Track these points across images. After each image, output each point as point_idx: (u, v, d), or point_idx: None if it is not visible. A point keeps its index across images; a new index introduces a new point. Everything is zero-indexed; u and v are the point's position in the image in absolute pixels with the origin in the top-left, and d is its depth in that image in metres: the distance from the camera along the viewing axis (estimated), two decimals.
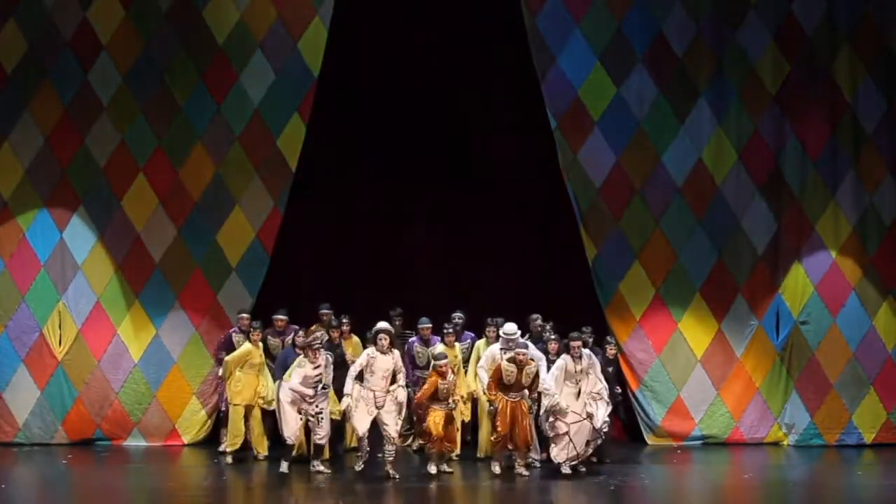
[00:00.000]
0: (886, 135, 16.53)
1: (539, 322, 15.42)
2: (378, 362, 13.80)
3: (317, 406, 13.97)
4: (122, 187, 16.54)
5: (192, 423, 16.32)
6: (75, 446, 16.07)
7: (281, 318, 15.75)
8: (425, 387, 14.09)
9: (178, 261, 16.53)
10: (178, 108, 16.58)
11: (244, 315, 15.68)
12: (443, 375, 13.90)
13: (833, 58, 16.54)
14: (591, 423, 13.92)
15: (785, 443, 16.45)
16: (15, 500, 13.04)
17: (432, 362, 14.24)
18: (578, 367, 14.04)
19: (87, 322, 16.39)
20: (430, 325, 15.47)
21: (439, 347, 15.05)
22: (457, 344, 15.17)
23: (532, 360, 14.00)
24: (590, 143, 16.50)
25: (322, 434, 14.05)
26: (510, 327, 14.30)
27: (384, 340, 13.82)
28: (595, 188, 16.49)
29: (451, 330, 15.13)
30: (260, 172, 16.53)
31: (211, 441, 16.12)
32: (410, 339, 15.63)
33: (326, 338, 14.78)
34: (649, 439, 16.42)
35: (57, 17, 16.51)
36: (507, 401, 13.90)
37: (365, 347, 14.98)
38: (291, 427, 13.98)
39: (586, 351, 14.24)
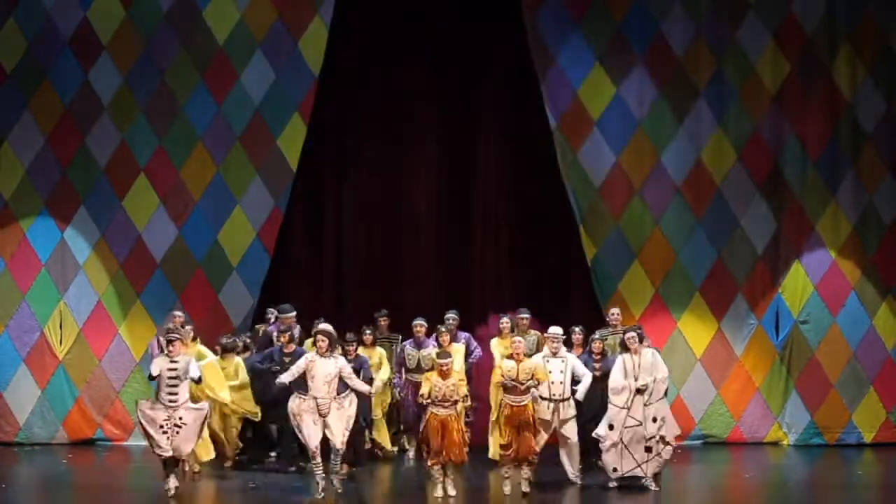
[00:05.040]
0: (886, 135, 16.50)
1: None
2: (318, 367, 12.74)
3: (176, 412, 12.76)
4: (122, 187, 16.55)
5: None
6: (76, 446, 16.09)
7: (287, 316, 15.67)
8: (423, 388, 13.25)
9: (179, 260, 16.56)
10: (179, 107, 16.58)
11: (178, 314, 15.27)
12: (444, 376, 13.00)
13: (833, 58, 16.52)
14: (655, 430, 13.09)
15: (785, 442, 16.45)
16: (15, 500, 13.05)
17: (435, 362, 13.41)
18: (638, 364, 13.24)
19: (88, 322, 16.42)
20: (425, 325, 15.28)
21: (429, 348, 14.97)
22: (454, 344, 14.84)
23: (528, 355, 13.60)
24: (589, 143, 16.50)
25: (180, 446, 12.77)
26: (556, 329, 13.71)
27: (323, 343, 12.82)
28: (595, 188, 16.49)
29: (444, 329, 14.80)
30: (260, 172, 16.54)
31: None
32: (403, 342, 15.46)
33: (191, 332, 14.35)
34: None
35: (57, 16, 16.49)
36: (508, 405, 13.13)
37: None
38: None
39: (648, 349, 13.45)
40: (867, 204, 16.50)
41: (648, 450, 13.11)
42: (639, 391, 13.11)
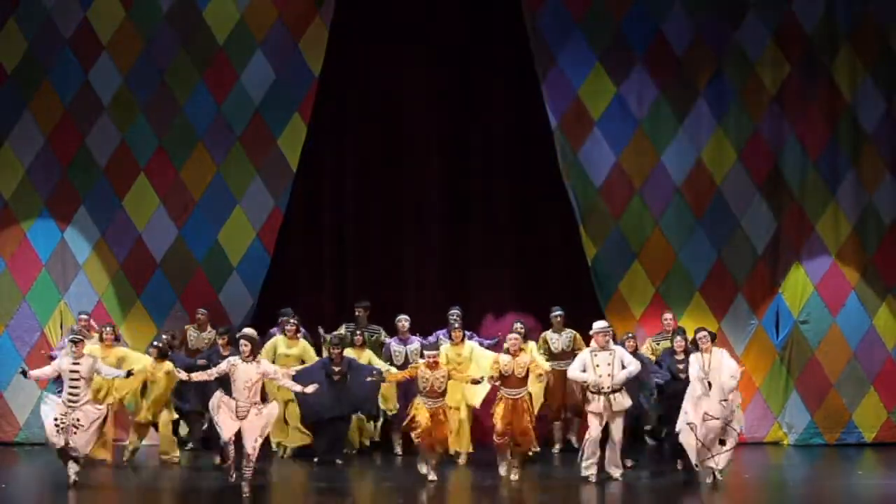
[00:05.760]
0: (886, 135, 16.50)
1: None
2: (240, 371, 12.79)
3: (74, 412, 13.10)
4: (122, 187, 16.58)
5: None
6: None
7: (292, 322, 15.54)
8: (404, 372, 13.91)
9: (179, 261, 16.58)
10: (179, 107, 16.60)
11: (83, 316, 15.48)
12: (431, 367, 13.40)
13: (833, 58, 16.52)
14: (723, 424, 13.40)
15: (785, 442, 16.45)
16: (15, 499, 13.05)
17: (425, 352, 13.89)
18: (709, 362, 13.55)
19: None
20: (409, 321, 15.46)
21: (414, 344, 15.17)
22: (466, 342, 14.94)
23: (523, 349, 13.83)
24: (589, 142, 16.50)
25: (78, 445, 13.11)
26: (602, 323, 13.93)
27: (245, 347, 12.83)
28: (595, 188, 16.49)
29: (457, 325, 15.01)
30: (260, 172, 16.55)
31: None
32: (389, 340, 15.58)
33: (112, 334, 14.67)
34: (649, 439, 16.40)
35: (57, 16, 16.53)
36: (507, 398, 13.55)
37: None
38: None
39: (717, 349, 13.74)
40: (867, 204, 16.50)
41: (722, 443, 13.46)
42: (710, 387, 13.40)
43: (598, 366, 13.56)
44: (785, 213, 16.54)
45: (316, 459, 14.85)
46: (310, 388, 13.28)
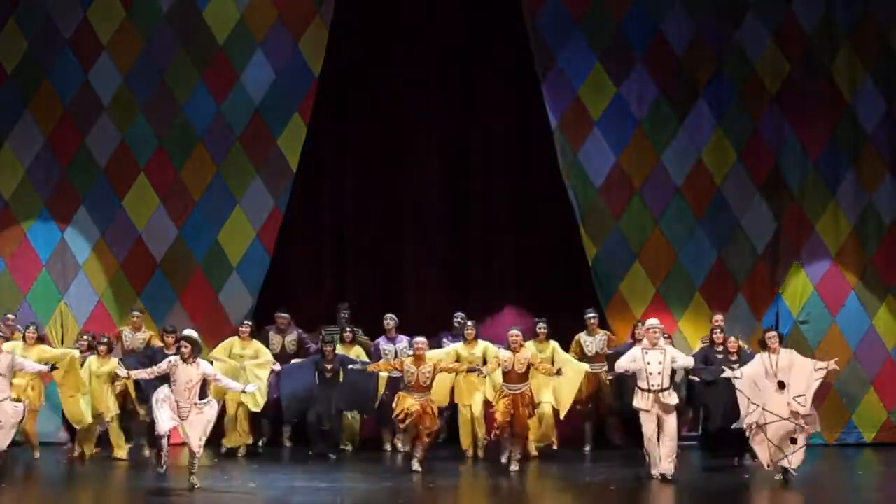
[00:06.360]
0: (886, 135, 16.50)
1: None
2: (180, 372, 12.90)
3: None
4: (123, 187, 16.59)
5: None
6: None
7: (283, 315, 15.84)
8: (388, 363, 14.47)
9: (179, 261, 16.58)
10: (179, 107, 16.60)
11: (10, 316, 15.54)
12: (417, 361, 13.89)
13: (833, 58, 16.51)
14: (796, 423, 13.48)
15: None
16: (15, 499, 13.03)
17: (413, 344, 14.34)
18: (776, 363, 13.68)
19: (88, 322, 16.41)
20: (395, 320, 15.65)
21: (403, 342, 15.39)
22: (479, 341, 15.16)
23: (524, 346, 14.19)
24: (590, 142, 16.48)
25: None
26: (654, 321, 14.13)
27: (185, 349, 12.92)
28: (595, 188, 16.48)
29: (469, 325, 15.17)
30: (260, 172, 16.54)
31: (210, 441, 16.08)
32: (377, 339, 15.74)
33: (34, 334, 14.80)
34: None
35: (57, 16, 16.55)
36: (508, 393, 13.97)
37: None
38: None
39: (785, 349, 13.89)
40: (867, 204, 16.49)
41: (794, 441, 13.52)
42: (779, 387, 13.50)
43: (649, 363, 13.73)
44: (785, 213, 16.53)
45: (311, 452, 15.08)
46: (249, 388, 13.58)
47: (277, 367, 15.17)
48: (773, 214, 16.54)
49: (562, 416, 15.12)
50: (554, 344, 15.20)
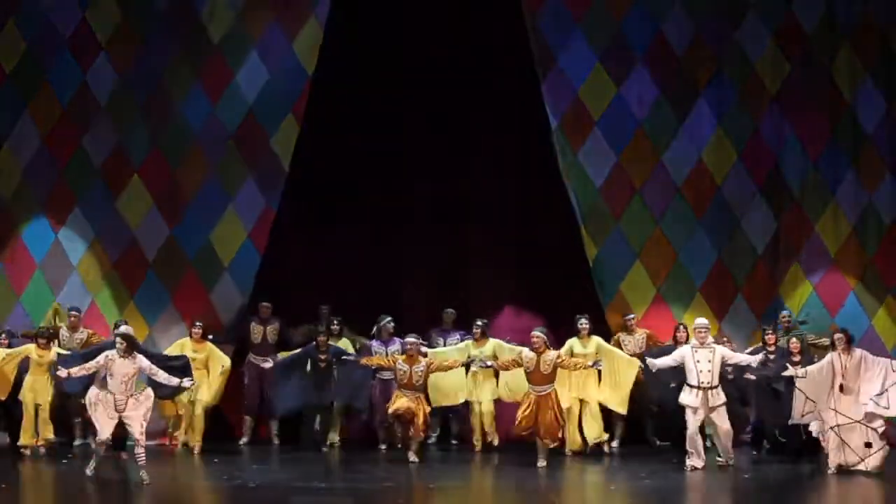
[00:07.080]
0: (886, 135, 16.57)
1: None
2: (117, 366, 13.32)
3: None
4: (117, 188, 16.56)
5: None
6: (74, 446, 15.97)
7: (266, 304, 16.02)
8: (380, 359, 14.91)
9: (171, 261, 16.53)
10: (175, 108, 16.56)
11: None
12: (409, 359, 14.19)
13: (833, 58, 16.58)
14: (869, 426, 13.68)
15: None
16: (15, 499, 12.96)
17: (405, 343, 14.68)
18: (846, 364, 13.84)
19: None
20: (391, 322, 15.72)
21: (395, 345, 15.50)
22: (490, 339, 15.35)
23: (549, 347, 14.31)
24: (590, 143, 16.49)
25: None
26: (702, 320, 14.46)
27: (121, 345, 13.36)
28: (595, 188, 16.48)
29: (478, 323, 15.40)
30: (254, 172, 16.50)
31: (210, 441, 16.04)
32: (370, 341, 15.82)
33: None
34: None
35: (56, 17, 16.55)
36: (533, 394, 14.15)
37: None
38: None
39: (858, 350, 14.01)
40: (867, 204, 16.55)
41: (868, 445, 13.71)
42: (842, 389, 13.70)
43: (698, 361, 14.06)
44: (785, 213, 16.57)
45: (300, 444, 15.35)
46: (186, 383, 13.85)
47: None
48: (773, 214, 16.57)
49: (623, 411, 15.39)
50: (598, 339, 15.36)
